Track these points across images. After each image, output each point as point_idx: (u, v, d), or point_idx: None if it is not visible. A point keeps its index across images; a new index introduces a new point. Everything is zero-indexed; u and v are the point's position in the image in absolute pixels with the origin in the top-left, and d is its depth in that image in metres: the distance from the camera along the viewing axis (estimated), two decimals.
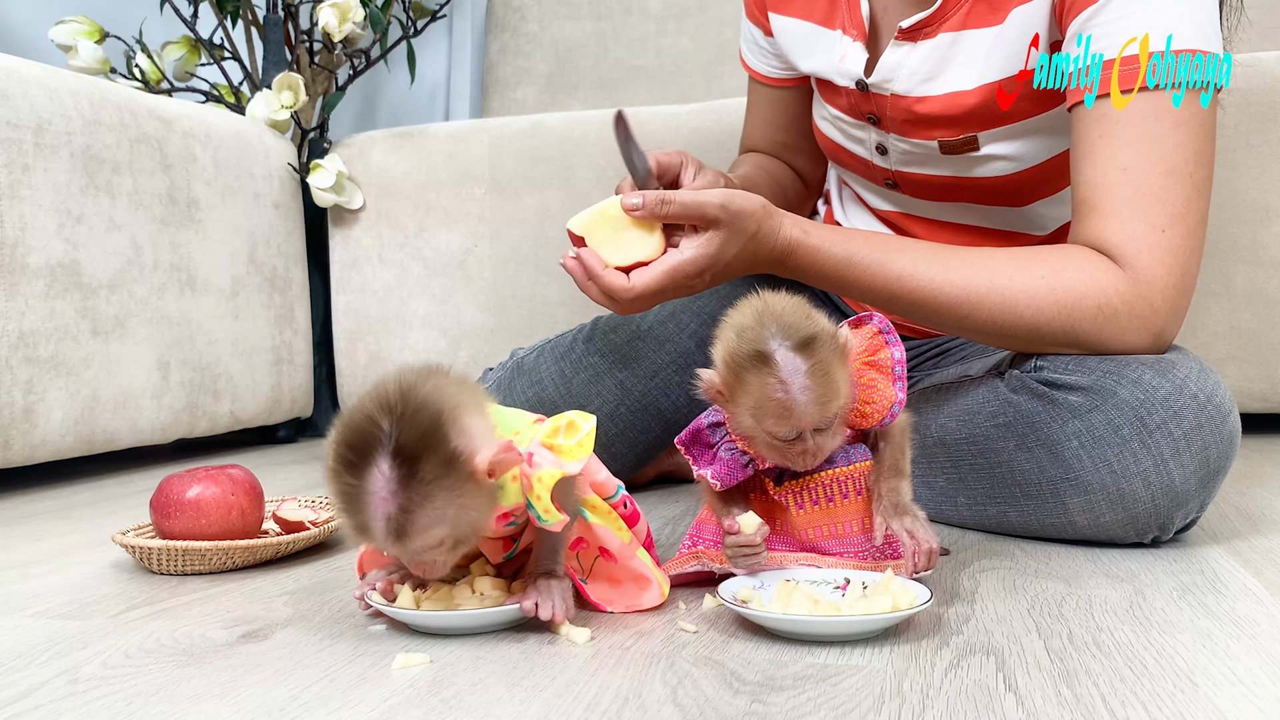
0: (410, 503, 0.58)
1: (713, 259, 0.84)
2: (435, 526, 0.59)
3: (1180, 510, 0.83)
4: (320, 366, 1.91)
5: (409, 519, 0.59)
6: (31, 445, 1.28)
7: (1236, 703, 0.51)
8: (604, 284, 0.85)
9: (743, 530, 0.69)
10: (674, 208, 0.82)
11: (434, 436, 0.59)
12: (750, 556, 0.70)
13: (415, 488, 0.58)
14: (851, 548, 0.73)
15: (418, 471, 0.58)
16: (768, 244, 0.86)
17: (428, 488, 0.58)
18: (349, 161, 1.82)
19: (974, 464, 0.91)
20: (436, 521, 0.59)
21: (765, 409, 0.67)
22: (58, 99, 1.33)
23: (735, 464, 0.72)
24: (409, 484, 0.58)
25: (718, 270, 0.86)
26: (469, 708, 0.53)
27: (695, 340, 1.12)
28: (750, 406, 0.68)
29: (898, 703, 0.52)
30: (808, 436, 0.68)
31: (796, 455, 0.69)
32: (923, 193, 1.06)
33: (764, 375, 0.66)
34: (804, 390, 0.66)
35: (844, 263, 0.88)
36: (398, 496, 0.58)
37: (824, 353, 0.66)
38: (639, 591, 0.71)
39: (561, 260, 0.88)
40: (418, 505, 0.59)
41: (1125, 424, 0.81)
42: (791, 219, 0.88)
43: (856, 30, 1.01)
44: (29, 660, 0.62)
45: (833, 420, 0.69)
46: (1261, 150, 1.44)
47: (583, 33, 2.21)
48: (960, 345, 1.11)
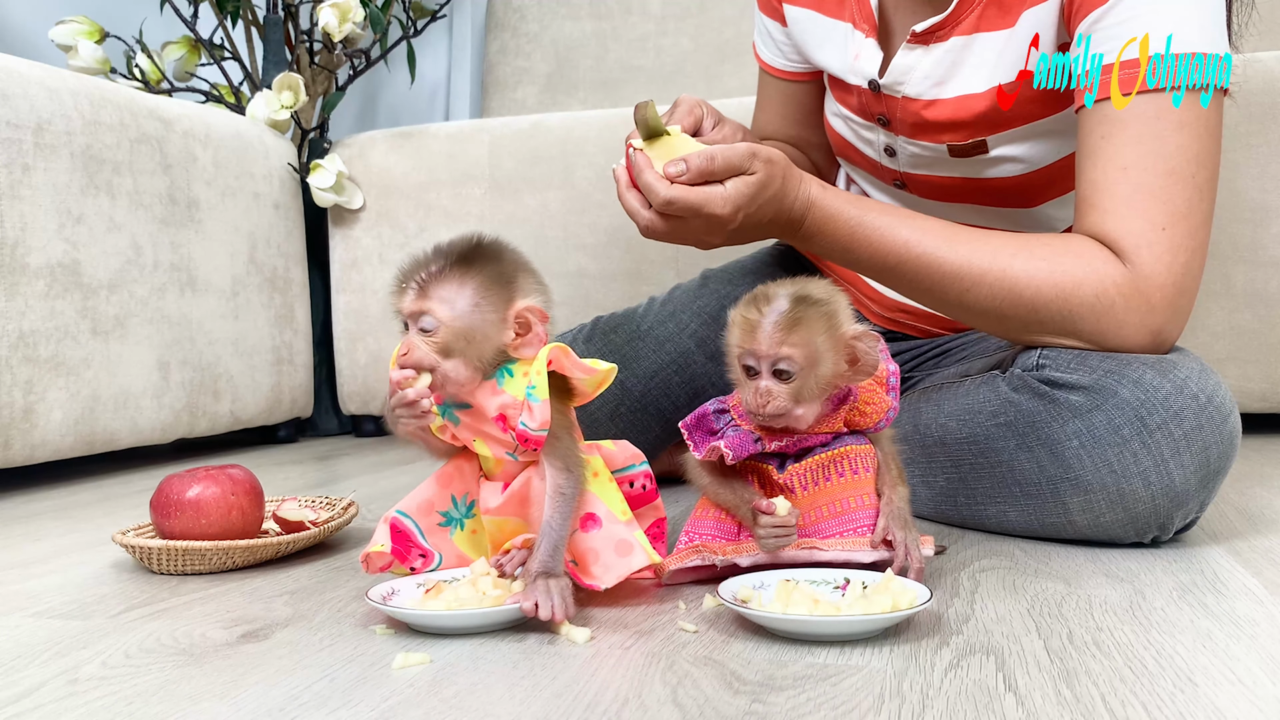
0: (447, 273, 0.69)
1: (749, 199, 0.83)
2: (446, 304, 0.68)
3: (1180, 510, 0.83)
4: (320, 366, 1.91)
5: (436, 283, 0.69)
6: (31, 445, 1.28)
7: (1236, 703, 0.51)
8: (644, 180, 0.83)
9: (777, 512, 0.71)
10: (719, 163, 0.82)
11: (503, 260, 0.71)
12: (783, 538, 0.72)
13: (461, 268, 0.69)
14: (851, 524, 0.74)
15: (473, 264, 0.70)
16: (790, 197, 0.87)
17: (469, 275, 0.69)
18: (349, 161, 1.82)
19: (974, 463, 0.91)
20: (450, 301, 0.69)
21: (740, 327, 0.73)
22: (58, 99, 1.33)
23: (746, 439, 0.74)
24: (459, 265, 0.69)
25: (748, 214, 0.85)
26: (469, 708, 0.53)
27: (695, 340, 1.12)
28: (735, 328, 0.74)
29: (898, 703, 0.52)
30: (765, 373, 0.72)
31: (750, 393, 0.72)
32: (931, 194, 1.06)
33: (756, 300, 0.74)
34: (774, 322, 0.71)
35: (855, 222, 0.88)
36: (442, 264, 0.69)
37: (809, 309, 0.71)
38: (622, 558, 0.70)
39: (613, 168, 0.88)
40: (451, 279, 0.69)
41: (1126, 424, 0.81)
42: (810, 177, 0.89)
43: (868, 25, 1.01)
44: (29, 660, 0.62)
45: (790, 364, 0.71)
46: (1261, 150, 1.44)
47: (583, 33, 2.21)
48: (961, 345, 1.11)
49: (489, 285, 0.69)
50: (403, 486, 1.27)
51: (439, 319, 0.69)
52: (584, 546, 0.71)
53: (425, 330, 0.69)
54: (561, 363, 0.70)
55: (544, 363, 0.69)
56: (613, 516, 0.71)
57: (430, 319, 0.69)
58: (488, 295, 0.69)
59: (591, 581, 0.70)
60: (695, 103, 0.98)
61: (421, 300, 0.69)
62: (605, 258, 1.72)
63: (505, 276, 0.70)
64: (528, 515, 0.72)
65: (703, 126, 0.98)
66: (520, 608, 0.64)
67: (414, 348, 0.69)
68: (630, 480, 0.77)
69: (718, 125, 0.99)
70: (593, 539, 0.71)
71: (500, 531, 0.73)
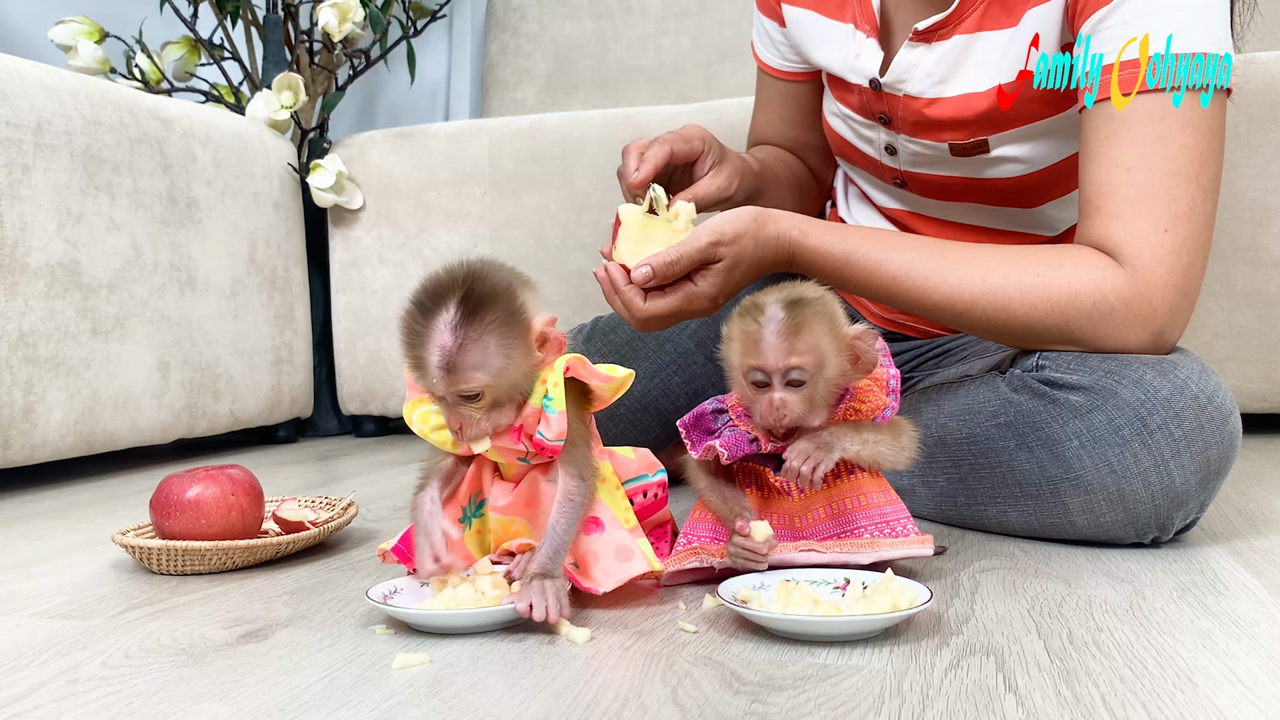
0: (467, 339, 0.66)
1: (723, 282, 0.86)
2: (481, 369, 0.66)
3: (1180, 511, 0.83)
4: (320, 366, 1.91)
5: (462, 354, 0.66)
6: (31, 445, 1.28)
7: (1236, 703, 0.51)
8: (621, 299, 0.87)
9: (753, 535, 0.71)
10: (682, 265, 0.84)
11: (502, 293, 0.68)
12: (751, 562, 0.71)
13: (475, 326, 0.66)
14: (849, 526, 0.75)
15: (482, 316, 0.66)
16: (769, 253, 0.88)
17: (486, 331, 0.66)
18: (349, 161, 1.82)
19: (974, 464, 0.91)
20: (484, 364, 0.66)
21: (744, 344, 0.72)
22: (58, 99, 1.33)
23: (741, 439, 0.74)
24: (470, 323, 0.66)
25: (728, 290, 0.87)
26: (469, 708, 0.53)
27: (695, 340, 1.12)
28: (735, 345, 0.73)
29: (898, 703, 0.52)
30: (777, 384, 0.71)
31: (765, 407, 0.72)
32: (932, 193, 1.06)
33: (753, 313, 0.73)
34: (776, 332, 0.71)
35: (841, 262, 0.89)
36: (456, 332, 0.66)
37: (807, 313, 0.71)
38: (622, 563, 0.70)
39: (595, 272, 0.90)
40: (472, 343, 0.66)
41: (1126, 424, 0.81)
42: (789, 220, 0.88)
43: (869, 25, 1.01)
44: (29, 660, 0.62)
45: (800, 373, 0.71)
46: (1262, 150, 1.44)
47: (583, 33, 2.20)
48: (961, 346, 1.11)
49: (506, 329, 0.67)
50: (403, 487, 1.27)
51: (480, 385, 0.67)
52: (585, 549, 0.71)
53: (470, 397, 0.67)
54: (579, 371, 0.71)
55: (561, 374, 0.69)
56: (615, 522, 0.71)
57: (472, 390, 0.67)
58: (509, 337, 0.67)
59: (590, 585, 0.70)
60: (696, 136, 0.99)
61: (455, 380, 0.66)
62: None
63: (512, 308, 0.68)
64: (533, 516, 0.72)
65: (699, 167, 0.99)
66: (515, 608, 0.64)
67: (463, 419, 0.68)
68: (644, 490, 0.77)
69: (716, 168, 1.00)
70: (594, 542, 0.71)
71: (505, 530, 0.74)
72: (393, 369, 1.83)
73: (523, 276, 0.71)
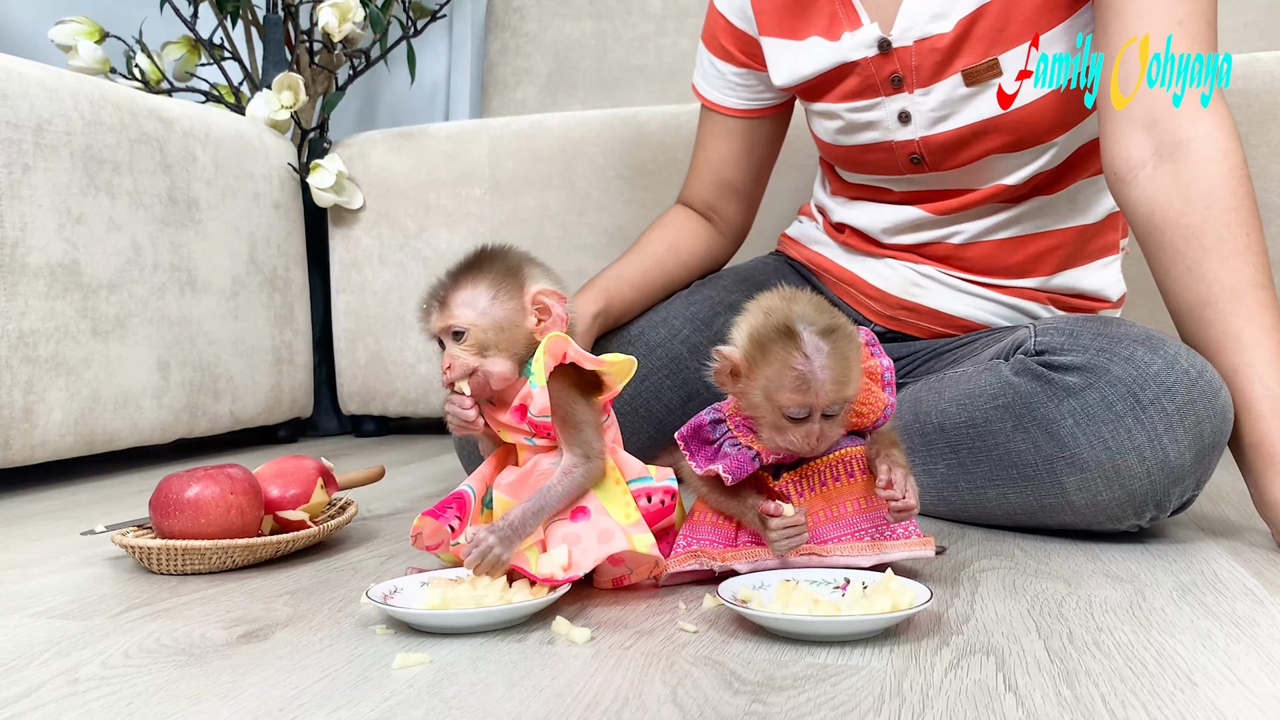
0: (462, 280, 0.75)
1: None
2: (468, 307, 0.74)
3: (1177, 486, 0.83)
4: (320, 366, 1.91)
5: (454, 291, 0.74)
6: (31, 445, 1.28)
7: (1236, 703, 0.51)
8: None
9: (785, 513, 0.71)
10: None
11: (506, 255, 0.76)
12: (796, 537, 0.71)
13: (469, 270, 0.75)
14: (848, 529, 0.74)
15: (480, 265, 0.75)
16: None
17: (480, 276, 0.75)
18: (349, 161, 1.82)
19: (972, 447, 0.92)
20: (471, 303, 0.74)
21: (784, 380, 0.69)
22: (58, 99, 1.33)
23: (744, 458, 0.73)
24: (467, 268, 0.75)
25: None
26: (469, 708, 0.53)
27: (688, 346, 1.12)
28: (769, 378, 0.70)
29: (898, 703, 0.52)
30: (817, 417, 0.70)
31: (802, 437, 0.71)
32: (950, 160, 1.05)
33: (789, 347, 0.69)
34: (824, 367, 0.69)
35: None
36: (456, 276, 0.75)
37: (844, 342, 0.70)
38: (601, 544, 0.70)
39: None
40: (466, 282, 0.75)
41: (1119, 400, 0.82)
42: None
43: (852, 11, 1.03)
44: (29, 660, 0.62)
45: (842, 407, 0.71)
46: (1261, 150, 1.44)
47: (583, 33, 2.20)
48: (961, 346, 1.11)
49: (500, 278, 0.75)
50: (402, 487, 1.27)
51: (466, 322, 0.74)
52: (565, 531, 0.71)
53: (457, 336, 0.74)
54: (560, 346, 0.72)
55: (543, 350, 0.71)
56: (604, 511, 0.72)
57: (458, 325, 0.74)
58: (502, 287, 0.74)
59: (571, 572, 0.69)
60: None
61: (445, 313, 0.75)
62: (605, 258, 1.72)
63: (512, 269, 0.75)
64: None
65: None
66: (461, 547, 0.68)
67: (453, 358, 0.74)
68: (648, 494, 0.76)
69: None
70: (577, 526, 0.71)
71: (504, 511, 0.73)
72: (393, 369, 1.83)
73: (535, 259, 0.78)
